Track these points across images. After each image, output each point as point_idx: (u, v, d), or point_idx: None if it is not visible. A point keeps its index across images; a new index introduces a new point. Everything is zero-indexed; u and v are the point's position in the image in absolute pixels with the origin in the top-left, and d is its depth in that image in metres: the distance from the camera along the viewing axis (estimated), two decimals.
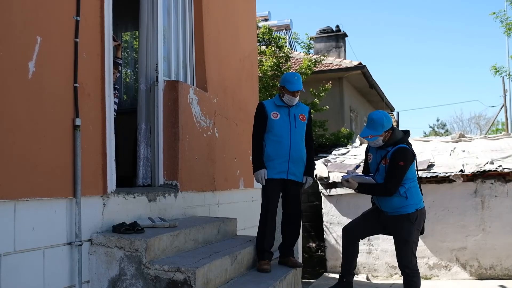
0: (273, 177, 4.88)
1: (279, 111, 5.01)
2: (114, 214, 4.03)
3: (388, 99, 22.18)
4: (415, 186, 4.69)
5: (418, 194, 4.71)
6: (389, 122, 4.71)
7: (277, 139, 4.93)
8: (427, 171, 10.05)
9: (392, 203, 4.66)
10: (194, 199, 5.31)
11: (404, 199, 4.60)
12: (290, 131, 4.96)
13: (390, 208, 4.71)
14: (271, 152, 4.93)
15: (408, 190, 4.61)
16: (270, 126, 4.95)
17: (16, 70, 3.21)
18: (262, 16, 20.50)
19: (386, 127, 4.67)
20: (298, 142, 5.00)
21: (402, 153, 4.61)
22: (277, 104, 5.05)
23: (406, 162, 4.57)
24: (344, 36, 19.68)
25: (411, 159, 4.63)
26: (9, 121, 3.12)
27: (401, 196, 4.60)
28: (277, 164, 4.90)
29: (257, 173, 4.94)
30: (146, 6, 5.10)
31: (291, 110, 5.04)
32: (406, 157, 4.59)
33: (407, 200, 4.61)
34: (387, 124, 4.69)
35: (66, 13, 3.65)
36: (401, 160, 4.56)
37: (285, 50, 14.32)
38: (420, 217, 4.67)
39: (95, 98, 3.91)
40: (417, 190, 4.71)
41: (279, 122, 4.94)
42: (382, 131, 4.67)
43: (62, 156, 3.53)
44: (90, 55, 3.87)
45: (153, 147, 5.02)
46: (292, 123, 5.01)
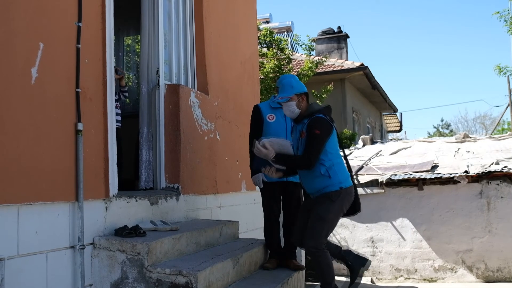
0: (272, 181, 4.88)
1: (275, 113, 4.98)
2: (116, 218, 4.06)
3: (391, 100, 22.18)
4: (339, 163, 4.32)
5: (343, 172, 4.31)
6: (299, 85, 4.46)
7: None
8: (431, 172, 10.05)
9: (315, 184, 4.30)
10: (196, 202, 5.33)
11: (327, 179, 4.22)
12: (286, 133, 4.90)
13: (314, 190, 4.34)
14: None
15: (330, 169, 4.23)
16: (266, 128, 4.91)
17: (19, 76, 3.24)
18: (263, 18, 20.54)
19: (296, 89, 4.41)
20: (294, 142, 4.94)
21: (317, 121, 4.27)
22: (273, 106, 5.03)
23: (321, 130, 4.21)
24: (346, 37, 19.72)
25: (328, 130, 4.26)
26: (12, 126, 3.15)
27: (323, 176, 4.23)
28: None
29: (254, 177, 4.95)
30: (147, 10, 5.13)
31: None
32: (321, 126, 4.24)
33: (330, 180, 4.22)
34: (297, 86, 4.44)
35: (68, 19, 3.68)
36: (316, 128, 4.21)
37: (287, 52, 14.35)
38: (345, 196, 4.25)
39: (97, 103, 3.94)
40: (341, 167, 4.32)
41: (275, 124, 4.92)
42: (293, 93, 4.40)
43: (65, 160, 3.56)
44: (92, 60, 3.90)
45: (155, 150, 5.05)
46: (289, 124, 4.93)
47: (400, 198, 10.16)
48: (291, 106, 4.42)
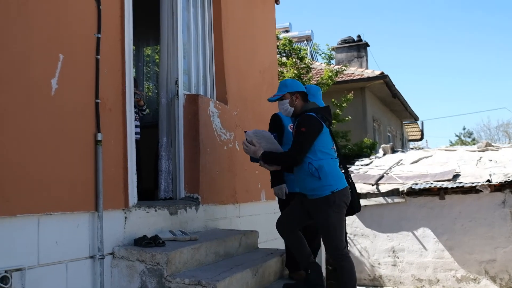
0: (295, 191, 4.84)
1: (292, 123, 4.95)
2: (136, 228, 4.07)
3: (412, 108, 22.00)
4: (330, 164, 4.17)
5: (334, 174, 4.15)
6: (294, 84, 4.42)
7: None
8: (453, 181, 9.93)
9: (306, 184, 4.19)
10: (215, 211, 5.33)
11: (317, 180, 4.09)
12: None
13: (305, 190, 4.21)
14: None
15: (320, 169, 4.10)
16: (287, 139, 4.84)
17: (40, 87, 3.28)
18: (282, 27, 20.60)
19: (290, 88, 4.38)
20: None
21: (305, 119, 4.19)
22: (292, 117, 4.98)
23: (309, 128, 4.12)
24: (366, 46, 19.64)
25: (315, 128, 4.15)
26: (33, 137, 3.18)
27: (312, 176, 4.11)
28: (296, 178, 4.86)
29: (277, 188, 4.86)
30: (166, 21, 5.17)
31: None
32: (309, 123, 4.15)
33: (320, 181, 4.09)
34: (291, 85, 4.40)
35: (87, 31, 3.73)
36: (303, 126, 4.14)
37: (306, 61, 14.35)
38: (340, 199, 4.12)
39: (116, 113, 3.97)
40: (332, 169, 4.17)
41: None
42: (285, 91, 4.37)
43: (84, 170, 3.59)
44: (111, 71, 3.94)
45: (174, 160, 5.07)
46: None
47: (421, 208, 10.05)
48: (284, 104, 4.39)
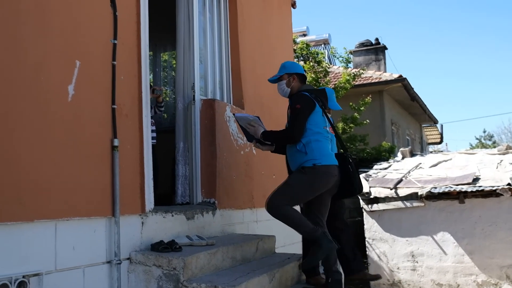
0: None
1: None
2: (153, 233, 4.08)
3: (431, 111, 21.80)
4: (318, 140, 4.22)
5: (320, 150, 4.20)
6: (293, 66, 4.52)
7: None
8: (473, 185, 9.79)
9: (294, 159, 4.28)
10: (232, 216, 5.33)
11: (304, 155, 4.17)
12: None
13: (294, 166, 4.29)
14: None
15: (307, 145, 4.17)
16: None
17: (57, 93, 3.31)
18: (300, 31, 20.56)
19: (288, 69, 4.48)
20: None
21: (299, 96, 4.29)
22: None
23: (302, 105, 4.20)
24: (384, 49, 19.52)
25: (309, 105, 4.22)
26: (50, 143, 3.21)
27: (300, 152, 4.19)
28: None
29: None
30: (183, 27, 5.19)
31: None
32: (302, 101, 4.23)
33: (306, 156, 4.16)
34: (290, 67, 4.50)
35: (104, 37, 3.75)
36: (297, 103, 4.23)
37: (324, 65, 14.30)
38: (319, 173, 4.15)
39: (133, 119, 3.99)
40: (320, 145, 4.21)
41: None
42: (283, 72, 4.48)
43: (101, 176, 3.61)
44: (127, 76, 3.96)
45: (191, 165, 5.08)
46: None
47: (440, 212, 9.92)
48: (281, 85, 4.50)
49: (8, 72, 2.98)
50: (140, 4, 4.20)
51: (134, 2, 4.15)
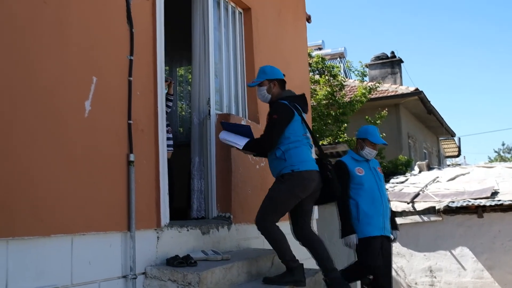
0: (375, 234, 4.98)
1: (361, 166, 5.17)
2: (168, 247, 4.09)
3: (448, 124, 21.64)
4: (296, 147, 4.27)
5: (298, 156, 4.25)
6: (273, 72, 4.49)
7: (370, 195, 5.06)
8: (491, 199, 9.68)
9: (274, 167, 4.36)
10: (247, 231, 5.32)
11: (283, 161, 4.23)
12: (377, 185, 5.11)
13: (274, 172, 4.38)
14: (367, 209, 5.04)
15: (286, 152, 4.23)
16: (358, 182, 5.07)
17: (74, 109, 3.35)
18: (315, 45, 20.59)
19: (269, 75, 4.45)
20: (385, 195, 5.15)
21: (277, 106, 4.30)
22: (357, 159, 5.22)
23: (279, 115, 4.23)
24: (400, 62, 19.46)
25: (287, 114, 4.25)
26: (66, 158, 3.25)
27: (279, 159, 4.25)
28: (376, 220, 5.02)
29: (347, 238, 5.03)
30: (198, 42, 5.24)
31: (371, 163, 5.24)
32: (279, 111, 4.25)
33: (285, 162, 4.22)
34: (269, 72, 4.47)
35: (120, 53, 3.80)
36: (274, 113, 4.26)
37: (339, 78, 14.30)
38: (297, 179, 4.20)
39: (149, 134, 4.02)
40: (298, 152, 4.27)
41: (367, 177, 5.09)
42: (264, 78, 4.45)
43: (117, 190, 3.64)
44: (143, 92, 4.00)
45: (207, 179, 5.09)
46: (376, 176, 5.18)
47: (458, 226, 9.82)
48: (262, 91, 4.49)
49: (26, 88, 3.02)
50: (156, 20, 4.24)
51: (150, 19, 4.20)
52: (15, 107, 2.95)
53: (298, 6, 7.31)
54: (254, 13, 5.96)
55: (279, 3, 6.69)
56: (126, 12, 3.88)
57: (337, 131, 13.57)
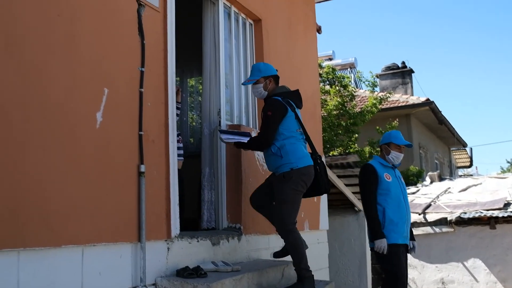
0: (399, 242, 5.00)
1: (389, 172, 5.20)
2: (178, 258, 4.08)
3: (459, 134, 21.53)
4: (292, 143, 4.39)
5: (295, 153, 4.37)
6: (267, 68, 4.63)
7: (396, 203, 5.07)
8: (504, 210, 9.60)
9: (270, 162, 4.48)
10: (258, 242, 5.30)
11: (279, 158, 4.34)
12: (402, 193, 5.12)
13: (271, 168, 4.52)
14: (393, 216, 5.05)
15: (282, 149, 4.34)
16: (386, 188, 5.09)
17: (85, 120, 3.37)
18: (326, 55, 20.61)
19: (264, 73, 4.58)
20: (408, 204, 5.18)
21: (271, 103, 4.43)
22: (385, 165, 5.25)
23: (273, 111, 4.36)
24: (411, 72, 19.44)
25: (280, 111, 4.38)
26: (77, 169, 3.26)
27: (275, 155, 4.37)
28: (400, 228, 5.03)
29: (378, 242, 5.04)
30: (209, 53, 5.26)
31: (396, 172, 5.27)
32: (273, 107, 4.38)
33: (282, 159, 4.33)
34: (264, 70, 4.61)
35: (131, 65, 3.82)
36: (268, 110, 4.39)
37: (350, 89, 14.29)
38: (298, 176, 4.32)
39: (159, 145, 4.04)
40: (294, 148, 4.38)
41: (394, 184, 5.13)
42: (260, 76, 4.57)
43: (127, 201, 3.64)
44: (154, 103, 4.02)
45: (217, 190, 5.09)
46: (401, 184, 5.21)
47: (470, 238, 9.73)
48: (258, 88, 4.61)
49: (38, 99, 3.05)
50: (167, 31, 4.27)
51: (161, 30, 4.22)
52: (27, 118, 2.97)
53: (308, 17, 7.33)
54: (264, 24, 5.98)
55: (289, 14, 6.71)
56: (137, 24, 3.91)
57: (348, 142, 13.55)
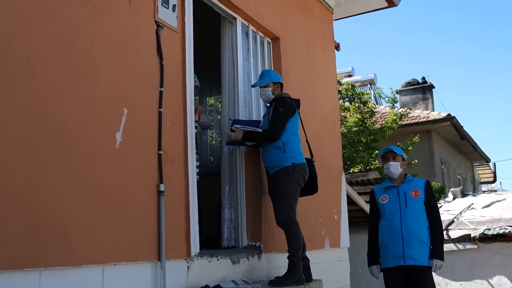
0: (389, 266, 4.93)
1: (387, 193, 5.12)
2: (198, 277, 4.08)
3: (482, 149, 21.26)
4: (294, 140, 4.78)
5: (297, 149, 4.78)
6: (276, 76, 5.03)
7: (388, 223, 5.00)
8: None
9: (272, 156, 4.72)
10: (278, 260, 5.28)
11: (282, 152, 4.66)
12: (400, 212, 4.93)
13: (270, 163, 4.75)
14: (384, 238, 5.02)
15: (286, 144, 4.68)
16: (381, 211, 5.10)
17: (105, 141, 3.42)
18: (345, 72, 20.62)
19: (274, 78, 4.97)
20: (411, 221, 4.88)
21: (282, 101, 4.82)
22: (385, 186, 5.20)
23: (285, 109, 4.75)
24: (431, 88, 19.29)
25: (291, 110, 4.80)
26: (97, 189, 3.30)
27: (279, 149, 4.67)
28: (391, 250, 4.92)
29: (369, 269, 5.20)
30: (227, 72, 5.31)
31: (401, 188, 5.06)
32: (285, 105, 4.78)
33: (284, 153, 4.65)
34: (274, 76, 5.00)
35: (150, 85, 3.87)
36: (280, 107, 4.76)
37: (369, 105, 14.23)
38: (299, 171, 4.67)
39: (178, 164, 4.06)
40: (296, 144, 4.79)
41: (389, 205, 5.03)
42: (270, 80, 4.95)
43: (147, 220, 3.66)
44: (173, 123, 4.05)
45: (237, 208, 5.09)
46: (403, 202, 4.97)
47: (495, 254, 9.54)
48: (267, 91, 4.97)
49: (58, 121, 3.10)
50: (185, 51, 4.32)
51: (180, 50, 4.28)
52: (47, 139, 3.02)
53: (326, 35, 7.35)
54: (282, 42, 6.01)
55: (307, 32, 6.74)
56: (156, 45, 3.97)
57: (368, 158, 13.46)
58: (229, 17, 5.33)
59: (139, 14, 3.85)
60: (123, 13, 3.70)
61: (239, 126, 4.84)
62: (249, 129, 4.81)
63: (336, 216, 6.74)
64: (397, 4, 7.89)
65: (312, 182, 4.93)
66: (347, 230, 7.13)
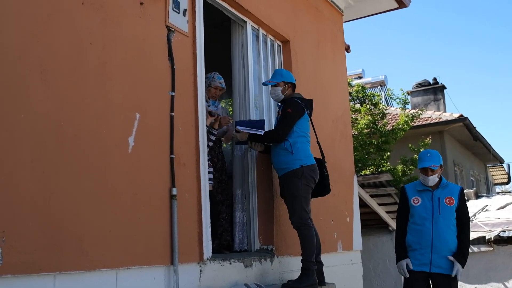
0: (414, 270, 4.83)
1: (421, 195, 4.92)
2: (211, 281, 4.09)
3: (496, 150, 21.09)
4: (303, 142, 4.75)
5: (305, 151, 4.74)
6: (288, 75, 4.99)
7: (418, 228, 4.86)
8: None
9: (280, 157, 4.72)
10: (290, 263, 5.27)
11: (290, 154, 4.65)
12: (432, 218, 4.79)
13: (279, 165, 4.75)
14: (412, 242, 4.90)
15: (294, 145, 4.66)
16: (411, 213, 4.94)
17: (118, 145, 3.43)
18: (355, 74, 20.55)
19: (284, 78, 4.94)
20: (442, 230, 4.77)
21: (291, 102, 4.79)
22: (419, 189, 4.98)
23: (293, 109, 4.72)
24: (443, 88, 19.17)
25: (299, 110, 4.76)
26: (110, 193, 3.31)
27: (286, 150, 4.65)
28: (418, 256, 4.82)
29: (398, 264, 4.99)
30: (238, 75, 5.32)
31: (435, 194, 4.88)
32: (294, 106, 4.75)
33: (292, 156, 4.64)
34: (286, 76, 4.97)
35: (162, 89, 3.89)
36: (288, 107, 4.74)
37: (380, 107, 14.19)
38: (308, 173, 4.66)
39: (190, 168, 4.07)
40: (304, 146, 4.75)
41: (420, 209, 4.85)
42: (281, 80, 4.92)
43: (160, 224, 3.67)
44: (185, 127, 4.07)
45: (249, 212, 5.10)
46: (436, 208, 4.82)
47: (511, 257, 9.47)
48: (277, 90, 4.94)
49: (71, 126, 3.12)
50: (196, 55, 4.33)
51: (191, 55, 4.29)
52: (61, 145, 3.05)
53: (336, 37, 7.34)
54: (292, 45, 6.02)
55: (317, 34, 6.73)
56: (167, 49, 3.99)
57: (380, 160, 13.41)
58: (239, 21, 5.34)
59: (150, 19, 3.87)
60: (134, 18, 3.72)
61: (240, 128, 4.83)
62: (251, 132, 4.78)
63: (348, 219, 6.72)
64: (408, 5, 7.85)
65: (324, 183, 4.93)
66: (360, 233, 7.10)
